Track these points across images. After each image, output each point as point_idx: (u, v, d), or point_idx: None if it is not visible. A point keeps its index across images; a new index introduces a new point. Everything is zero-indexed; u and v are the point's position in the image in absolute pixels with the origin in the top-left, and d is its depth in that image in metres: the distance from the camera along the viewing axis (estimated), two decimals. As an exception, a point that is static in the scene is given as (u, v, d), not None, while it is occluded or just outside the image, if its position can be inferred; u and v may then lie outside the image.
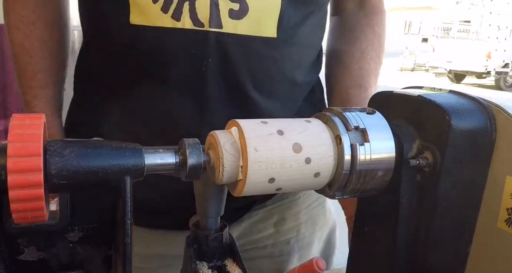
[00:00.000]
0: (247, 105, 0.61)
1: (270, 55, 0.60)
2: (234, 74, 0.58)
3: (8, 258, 0.39)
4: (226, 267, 0.46)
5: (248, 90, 0.60)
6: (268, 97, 0.63)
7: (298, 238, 0.77)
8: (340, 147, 0.39)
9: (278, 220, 0.76)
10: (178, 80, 0.58)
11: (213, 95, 0.59)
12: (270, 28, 0.58)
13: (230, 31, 0.56)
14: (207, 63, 0.56)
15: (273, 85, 0.63)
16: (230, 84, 0.59)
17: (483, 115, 0.41)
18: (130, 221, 0.36)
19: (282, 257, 0.76)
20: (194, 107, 0.59)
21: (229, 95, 0.59)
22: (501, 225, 0.40)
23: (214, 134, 0.39)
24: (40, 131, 0.32)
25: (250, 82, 0.60)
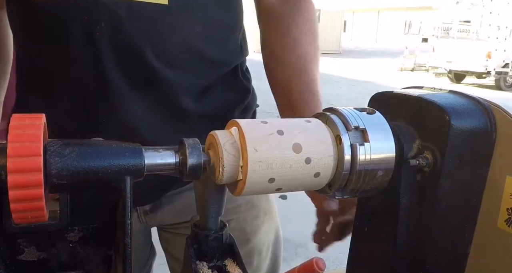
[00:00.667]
0: (148, 70, 0.62)
1: (164, 21, 0.61)
2: (128, 40, 0.61)
3: (8, 258, 0.39)
4: (226, 267, 0.46)
5: (146, 55, 0.61)
6: (170, 65, 0.64)
7: (239, 220, 0.75)
8: (340, 147, 0.39)
9: None
10: (78, 47, 0.61)
11: (109, 58, 0.61)
12: None
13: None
14: (100, 28, 0.59)
15: (176, 55, 0.64)
16: (126, 48, 0.61)
17: (483, 115, 0.41)
18: (130, 221, 0.36)
19: None
20: (94, 72, 0.61)
21: (126, 58, 0.61)
22: (501, 225, 0.40)
23: (214, 134, 0.39)
24: (40, 131, 0.32)
25: (149, 47, 0.61)
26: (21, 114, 0.33)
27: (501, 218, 0.40)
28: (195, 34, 0.65)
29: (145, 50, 0.61)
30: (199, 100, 0.68)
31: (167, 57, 0.63)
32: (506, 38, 11.39)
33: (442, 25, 12.90)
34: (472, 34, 12.63)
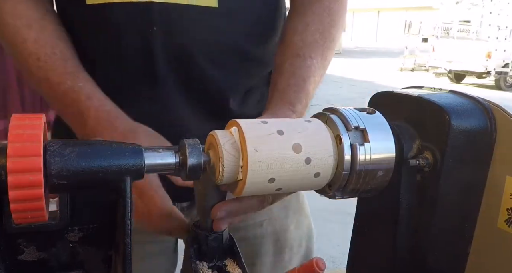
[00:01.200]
0: (197, 72, 0.64)
1: (213, 24, 0.63)
2: (179, 42, 0.62)
3: (8, 258, 0.39)
4: (226, 267, 0.46)
5: (196, 57, 0.63)
6: (218, 67, 0.65)
7: (271, 221, 0.77)
8: (340, 147, 0.39)
9: None
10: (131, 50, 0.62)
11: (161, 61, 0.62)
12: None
13: (172, 1, 0.60)
14: (152, 32, 0.61)
15: (224, 56, 0.65)
16: (177, 51, 0.62)
17: (483, 115, 0.41)
18: (130, 221, 0.36)
19: (256, 240, 0.77)
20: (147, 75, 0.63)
21: (177, 61, 0.63)
22: (501, 225, 0.40)
23: (214, 134, 0.39)
24: (40, 131, 0.32)
25: (199, 50, 0.63)
26: (21, 114, 0.33)
27: (501, 218, 0.40)
28: (243, 35, 0.66)
29: (195, 52, 0.63)
30: (243, 99, 0.70)
31: (216, 59, 0.65)
32: (506, 38, 11.39)
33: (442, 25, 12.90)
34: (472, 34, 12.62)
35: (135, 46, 0.62)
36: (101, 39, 0.64)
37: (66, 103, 0.59)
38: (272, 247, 0.78)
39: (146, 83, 0.64)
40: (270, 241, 0.77)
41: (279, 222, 0.78)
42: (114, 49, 0.63)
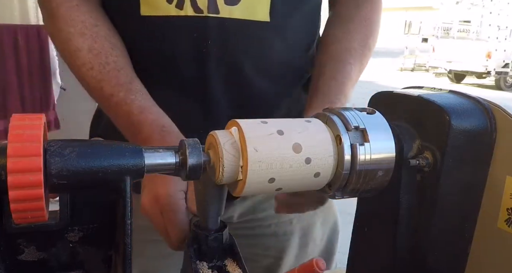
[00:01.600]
0: (247, 84, 0.67)
1: (265, 37, 0.66)
2: (231, 54, 0.64)
3: (8, 258, 0.39)
4: (226, 267, 0.46)
5: (246, 70, 0.66)
6: (266, 79, 0.68)
7: (300, 218, 0.81)
8: (340, 147, 0.39)
9: None
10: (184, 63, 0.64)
11: (214, 74, 0.64)
12: (263, 13, 0.64)
13: (226, 15, 0.62)
14: (207, 45, 0.63)
15: (271, 68, 0.68)
16: (229, 64, 0.65)
17: (483, 115, 0.41)
18: (130, 221, 0.36)
19: (285, 236, 0.80)
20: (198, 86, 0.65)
21: (229, 73, 0.65)
22: (501, 225, 0.40)
23: (214, 134, 0.39)
24: (40, 131, 0.32)
25: (249, 62, 0.65)
26: (21, 114, 0.33)
27: (501, 218, 0.40)
28: (288, 48, 0.69)
29: (246, 66, 0.65)
30: (285, 108, 0.72)
31: (263, 70, 0.67)
32: (506, 38, 11.40)
33: (442, 25, 12.90)
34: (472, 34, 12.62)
35: (189, 59, 0.64)
36: (153, 50, 0.65)
37: (119, 114, 0.60)
38: (299, 242, 0.81)
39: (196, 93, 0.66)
40: (297, 236, 0.81)
41: (307, 219, 0.81)
42: (166, 61, 0.65)
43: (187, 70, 0.65)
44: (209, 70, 0.64)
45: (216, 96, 0.66)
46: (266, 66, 0.68)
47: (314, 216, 0.82)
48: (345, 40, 0.72)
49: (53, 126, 2.48)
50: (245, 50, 0.65)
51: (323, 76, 0.68)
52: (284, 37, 0.67)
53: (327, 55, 0.71)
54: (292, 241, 0.81)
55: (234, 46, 0.64)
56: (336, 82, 0.67)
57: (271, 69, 0.68)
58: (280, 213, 0.73)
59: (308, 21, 0.72)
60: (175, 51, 0.64)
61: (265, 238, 0.81)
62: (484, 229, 0.42)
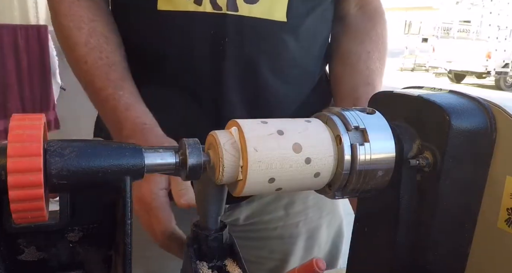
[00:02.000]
0: (260, 84, 0.67)
1: (281, 38, 0.66)
2: (248, 53, 0.64)
3: (8, 258, 0.39)
4: (226, 267, 0.46)
5: (261, 69, 0.66)
6: (280, 79, 0.68)
7: (306, 221, 0.81)
8: (340, 147, 0.39)
9: (288, 203, 0.79)
10: (200, 59, 0.64)
11: (229, 72, 0.64)
12: (281, 13, 0.64)
13: (245, 14, 0.62)
14: (224, 43, 0.63)
15: (285, 69, 0.68)
16: (244, 62, 0.65)
17: (483, 115, 0.41)
18: (130, 221, 0.36)
19: (291, 239, 0.80)
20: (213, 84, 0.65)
21: (244, 72, 0.65)
22: (501, 225, 0.40)
23: (214, 134, 0.39)
24: (40, 131, 0.32)
25: (264, 62, 0.66)
26: (21, 114, 0.33)
27: (501, 218, 0.40)
28: (302, 49, 0.69)
29: (261, 65, 0.65)
30: (297, 111, 0.72)
31: (278, 70, 0.67)
32: (506, 38, 11.39)
33: (442, 25, 12.91)
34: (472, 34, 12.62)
35: (205, 56, 0.63)
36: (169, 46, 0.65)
37: (106, 109, 0.61)
38: (304, 245, 0.82)
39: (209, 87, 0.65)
40: (303, 239, 0.81)
41: (313, 222, 0.82)
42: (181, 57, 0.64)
43: (203, 67, 0.64)
44: (225, 68, 0.64)
45: (230, 95, 0.65)
46: (281, 67, 0.68)
47: (320, 219, 0.82)
48: (369, 61, 0.74)
49: (53, 126, 2.48)
50: (261, 50, 0.65)
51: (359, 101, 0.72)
52: (299, 38, 0.68)
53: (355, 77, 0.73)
54: (298, 244, 0.81)
55: (251, 45, 0.64)
56: None
57: (285, 70, 0.69)
58: None
59: (322, 24, 0.73)
60: (191, 47, 0.64)
61: (270, 240, 0.81)
62: (484, 229, 0.42)
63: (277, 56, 0.67)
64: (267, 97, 0.68)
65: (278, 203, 0.79)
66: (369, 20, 0.78)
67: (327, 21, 0.75)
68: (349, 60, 0.76)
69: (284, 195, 0.78)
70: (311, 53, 0.72)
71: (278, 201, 0.79)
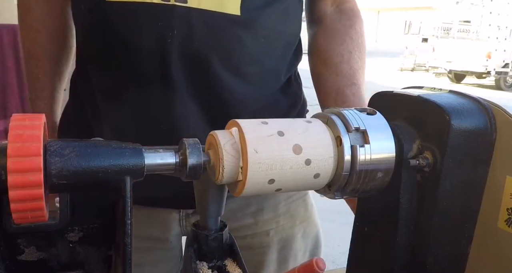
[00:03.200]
0: (212, 80, 0.63)
1: (234, 32, 0.63)
2: (197, 47, 0.61)
3: (8, 258, 0.39)
4: (226, 267, 0.46)
5: (213, 65, 0.62)
6: (236, 77, 0.65)
7: (278, 229, 0.77)
8: (340, 148, 0.39)
9: (256, 210, 0.76)
10: (146, 52, 0.61)
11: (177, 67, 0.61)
12: (234, 6, 0.61)
13: (194, 5, 0.60)
14: (172, 35, 0.60)
15: (241, 66, 0.65)
16: (194, 58, 0.62)
17: (483, 115, 0.41)
18: (130, 221, 0.36)
19: (261, 249, 0.77)
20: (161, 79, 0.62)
21: (194, 68, 0.62)
22: (501, 225, 0.40)
23: (214, 134, 0.39)
24: (40, 131, 0.32)
25: (216, 58, 0.62)
26: (21, 114, 0.33)
27: (501, 218, 0.40)
28: (259, 46, 0.66)
29: (212, 59, 0.62)
30: (260, 111, 0.69)
31: (233, 68, 0.64)
32: (506, 38, 11.38)
33: (442, 25, 12.89)
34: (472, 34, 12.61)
35: (152, 47, 0.61)
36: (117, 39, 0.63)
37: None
38: (277, 256, 0.78)
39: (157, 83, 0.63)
40: (275, 250, 0.77)
41: (286, 231, 0.78)
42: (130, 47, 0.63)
43: (151, 61, 0.62)
44: (172, 62, 0.61)
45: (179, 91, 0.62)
46: (236, 64, 0.64)
47: (293, 228, 0.79)
48: (351, 60, 0.74)
49: (53, 126, 2.48)
50: (212, 44, 0.61)
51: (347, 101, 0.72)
52: (258, 35, 0.65)
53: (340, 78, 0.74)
54: (270, 255, 0.77)
55: (201, 39, 0.61)
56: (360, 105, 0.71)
57: (241, 68, 0.65)
58: None
59: (286, 21, 0.70)
60: (139, 40, 0.61)
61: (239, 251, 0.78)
62: (484, 229, 0.42)
63: (232, 52, 0.63)
64: (222, 94, 0.65)
65: (246, 210, 0.76)
66: (347, 19, 0.77)
67: (293, 20, 0.72)
68: (331, 61, 0.75)
69: (253, 202, 0.75)
70: (273, 51, 0.69)
71: (246, 208, 0.76)
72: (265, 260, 0.77)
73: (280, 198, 0.77)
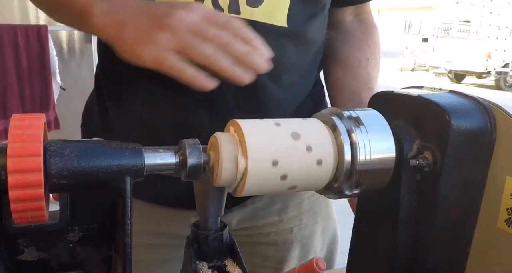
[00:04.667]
0: (257, 88, 0.65)
1: (280, 43, 0.65)
2: None
3: (8, 258, 0.39)
4: (226, 267, 0.46)
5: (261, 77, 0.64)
6: (277, 84, 0.67)
7: (301, 227, 0.79)
8: (340, 148, 0.39)
9: (281, 208, 0.78)
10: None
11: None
12: (281, 18, 0.64)
13: (247, 17, 0.62)
14: None
15: (283, 74, 0.68)
16: None
17: (483, 115, 0.41)
18: (130, 221, 0.36)
19: (285, 245, 0.79)
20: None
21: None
22: (501, 225, 0.40)
23: (216, 135, 0.39)
24: (40, 131, 0.32)
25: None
26: (21, 114, 0.33)
27: (501, 218, 0.40)
28: (299, 55, 0.69)
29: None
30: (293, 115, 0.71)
31: (275, 76, 0.66)
32: (506, 38, 11.39)
33: (442, 25, 12.90)
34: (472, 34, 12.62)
35: None
36: None
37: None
38: (299, 252, 0.80)
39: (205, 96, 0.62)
40: (298, 246, 0.80)
41: (308, 228, 0.80)
42: None
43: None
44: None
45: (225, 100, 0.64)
46: (279, 73, 0.67)
47: (315, 225, 0.81)
48: (368, 66, 0.77)
49: (53, 126, 2.48)
50: None
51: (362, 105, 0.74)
52: (298, 44, 0.68)
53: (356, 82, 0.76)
54: (292, 251, 0.79)
55: None
56: None
57: (282, 76, 0.68)
58: None
59: (320, 30, 0.72)
60: None
61: (264, 247, 0.79)
62: (484, 229, 0.42)
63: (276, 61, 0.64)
64: (264, 101, 0.67)
65: (272, 208, 0.78)
66: (365, 28, 0.80)
67: (324, 28, 0.75)
68: (349, 66, 0.77)
69: (278, 200, 0.77)
70: (308, 58, 0.72)
71: (271, 206, 0.77)
72: (288, 256, 0.79)
73: (304, 196, 0.79)
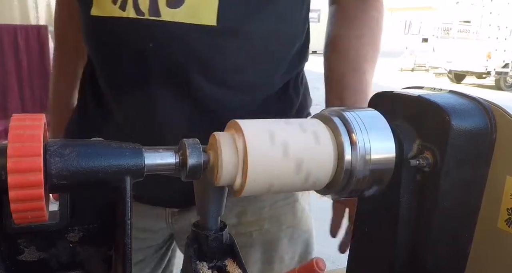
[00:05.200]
0: (194, 91, 0.64)
1: (211, 43, 0.62)
2: (175, 59, 0.62)
3: (8, 258, 0.39)
4: (226, 267, 0.46)
5: (192, 77, 0.63)
6: (219, 86, 0.65)
7: (262, 232, 0.77)
8: (340, 148, 0.39)
9: (240, 212, 0.77)
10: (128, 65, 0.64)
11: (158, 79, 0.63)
12: (209, 17, 0.61)
13: (168, 19, 0.60)
14: (150, 48, 0.61)
15: (224, 75, 0.65)
16: (173, 69, 0.62)
17: (483, 115, 0.41)
18: (130, 221, 0.36)
19: (244, 248, 0.77)
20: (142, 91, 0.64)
21: (174, 79, 0.63)
22: (501, 225, 0.40)
23: (215, 135, 0.39)
24: (40, 131, 0.32)
25: (195, 69, 0.63)
26: (21, 114, 0.33)
27: (501, 218, 0.40)
28: (243, 54, 0.65)
29: (191, 71, 0.63)
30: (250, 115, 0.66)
31: (214, 78, 0.64)
32: (506, 38, 11.39)
33: (442, 25, 12.90)
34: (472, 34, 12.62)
35: (133, 60, 0.63)
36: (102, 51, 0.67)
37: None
38: (261, 256, 0.78)
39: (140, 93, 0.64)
40: (259, 250, 0.78)
41: (271, 234, 0.78)
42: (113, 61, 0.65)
43: (132, 73, 0.64)
44: (153, 74, 0.62)
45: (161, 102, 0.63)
46: (218, 74, 0.64)
47: (279, 232, 0.79)
48: (359, 46, 0.72)
49: (53, 126, 2.48)
50: (189, 56, 0.62)
51: (347, 89, 0.71)
52: (238, 44, 0.63)
53: (343, 63, 0.72)
54: (252, 254, 0.77)
55: (177, 51, 0.61)
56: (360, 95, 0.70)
57: (225, 78, 0.64)
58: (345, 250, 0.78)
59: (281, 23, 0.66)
60: (119, 54, 0.63)
61: None
62: (484, 229, 0.42)
63: (210, 63, 0.63)
64: (207, 103, 0.65)
65: (231, 210, 0.76)
66: (362, 3, 0.74)
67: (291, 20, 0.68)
68: (339, 47, 0.73)
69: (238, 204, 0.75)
70: (262, 57, 0.67)
71: (229, 209, 0.76)
72: (249, 259, 0.77)
73: (264, 203, 0.77)
